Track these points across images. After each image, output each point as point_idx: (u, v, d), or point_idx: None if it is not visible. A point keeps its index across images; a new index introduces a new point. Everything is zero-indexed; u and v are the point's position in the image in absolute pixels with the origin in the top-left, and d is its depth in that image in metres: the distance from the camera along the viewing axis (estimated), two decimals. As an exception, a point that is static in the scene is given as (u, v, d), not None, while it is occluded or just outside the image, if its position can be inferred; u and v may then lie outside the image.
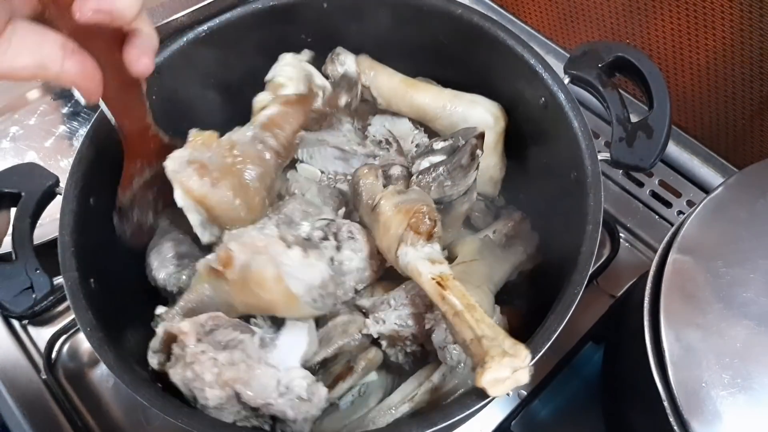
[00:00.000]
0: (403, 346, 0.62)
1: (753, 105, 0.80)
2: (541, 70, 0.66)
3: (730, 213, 0.55)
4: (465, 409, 0.50)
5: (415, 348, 0.62)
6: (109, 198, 0.66)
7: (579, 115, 0.63)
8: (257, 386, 0.53)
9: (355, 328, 0.62)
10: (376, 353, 0.62)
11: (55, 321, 0.79)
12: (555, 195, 0.67)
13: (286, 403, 0.54)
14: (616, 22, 0.88)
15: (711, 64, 0.80)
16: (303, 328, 0.60)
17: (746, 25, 0.74)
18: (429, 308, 0.60)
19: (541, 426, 0.74)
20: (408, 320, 0.60)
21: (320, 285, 0.58)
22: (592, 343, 0.76)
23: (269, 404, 0.54)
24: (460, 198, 0.65)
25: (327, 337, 0.62)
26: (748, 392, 0.47)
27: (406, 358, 0.63)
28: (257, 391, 0.53)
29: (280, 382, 0.55)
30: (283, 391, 0.54)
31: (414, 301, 0.61)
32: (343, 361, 0.63)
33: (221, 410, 0.54)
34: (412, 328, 0.60)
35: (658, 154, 0.61)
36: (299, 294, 0.56)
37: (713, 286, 0.51)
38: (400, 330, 0.60)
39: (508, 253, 0.70)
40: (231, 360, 0.53)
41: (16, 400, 0.73)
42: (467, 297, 0.52)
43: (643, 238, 0.84)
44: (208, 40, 0.70)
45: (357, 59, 0.75)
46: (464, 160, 0.62)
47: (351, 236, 0.63)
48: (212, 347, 0.54)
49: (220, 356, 0.53)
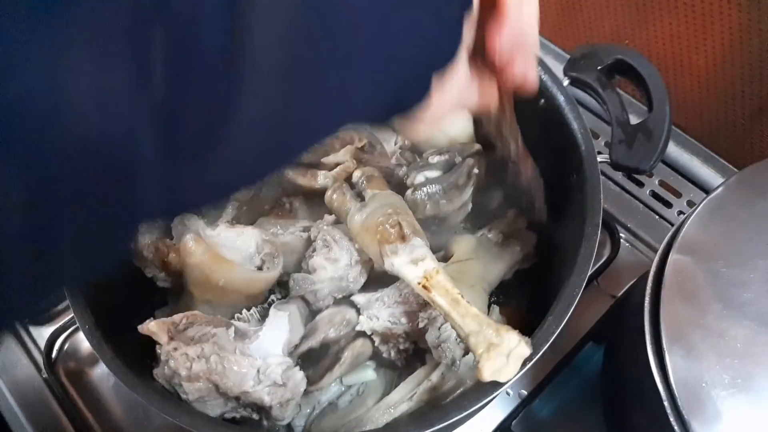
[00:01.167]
0: (396, 343, 0.62)
1: (753, 105, 0.80)
2: (541, 72, 0.65)
3: (731, 213, 0.55)
4: (463, 409, 0.50)
5: (408, 345, 0.62)
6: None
7: (578, 117, 0.63)
8: (234, 376, 0.54)
9: (341, 318, 0.62)
10: (363, 343, 0.62)
11: (56, 319, 0.79)
12: (554, 197, 0.67)
13: (263, 390, 0.55)
14: (616, 23, 0.88)
15: (710, 64, 0.80)
16: (284, 316, 0.60)
17: (746, 25, 0.74)
18: (422, 307, 0.60)
19: (541, 426, 0.74)
20: (401, 318, 0.61)
21: (257, 249, 0.61)
22: (592, 343, 0.76)
23: (246, 392, 0.55)
24: (455, 212, 0.66)
25: (313, 329, 0.63)
26: (749, 392, 0.47)
27: (398, 355, 0.63)
28: (234, 382, 0.54)
29: (258, 370, 0.56)
30: (261, 378, 0.55)
31: (407, 299, 0.61)
32: (332, 353, 0.63)
33: (204, 403, 0.55)
34: (404, 326, 0.61)
35: (657, 157, 0.61)
36: (236, 260, 0.59)
37: (713, 286, 0.51)
38: (392, 327, 0.60)
39: (504, 252, 0.70)
40: (201, 353, 0.54)
41: (16, 398, 0.73)
42: (451, 291, 0.53)
43: (643, 238, 0.84)
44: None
45: None
46: (461, 181, 0.63)
47: (326, 245, 0.63)
48: (183, 343, 0.55)
49: (190, 351, 0.54)
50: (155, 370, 0.57)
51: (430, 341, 0.59)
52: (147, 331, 0.56)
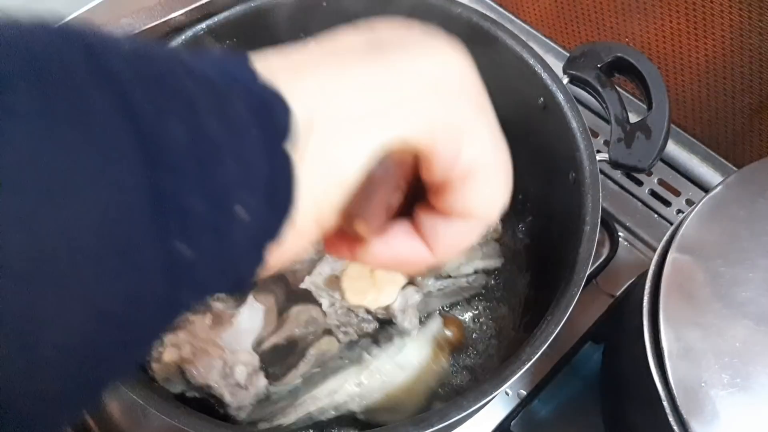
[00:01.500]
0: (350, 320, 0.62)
1: (752, 104, 0.80)
2: (540, 70, 0.65)
3: (730, 212, 0.54)
4: (462, 409, 0.50)
5: (365, 323, 0.62)
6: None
7: (578, 115, 0.63)
8: (201, 368, 0.55)
9: (307, 316, 0.63)
10: (329, 342, 0.63)
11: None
12: (553, 195, 0.67)
13: (226, 388, 0.56)
14: (616, 21, 0.87)
15: (710, 62, 0.80)
16: (260, 310, 0.61)
17: (746, 24, 0.74)
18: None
19: (540, 426, 0.74)
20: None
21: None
22: (591, 343, 0.76)
23: (210, 386, 0.56)
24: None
25: (280, 326, 0.63)
26: (748, 392, 0.47)
27: (346, 317, 0.63)
28: (200, 372, 0.55)
29: (225, 363, 0.57)
30: (226, 373, 0.56)
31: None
32: (298, 351, 0.63)
33: (168, 382, 0.57)
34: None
35: (656, 155, 0.61)
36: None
37: (713, 285, 0.51)
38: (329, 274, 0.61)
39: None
40: (175, 342, 0.55)
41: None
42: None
43: (642, 237, 0.84)
44: (206, 39, 0.69)
45: None
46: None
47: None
48: None
49: (165, 338, 0.55)
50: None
51: (398, 305, 0.59)
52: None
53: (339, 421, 0.61)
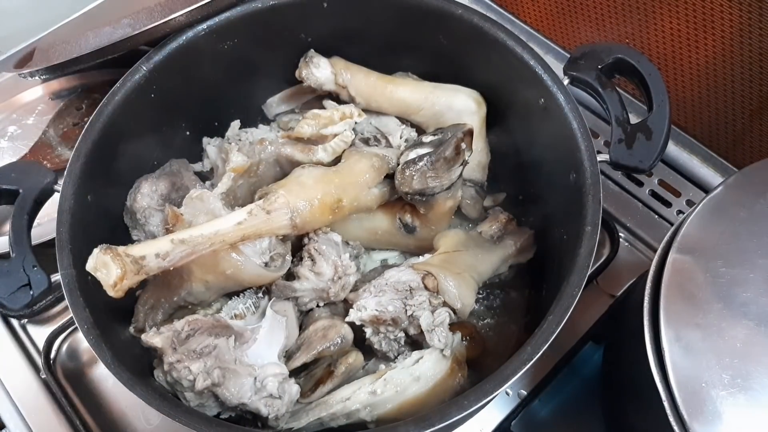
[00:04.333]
0: (387, 332, 0.62)
1: (752, 105, 0.80)
2: (541, 72, 0.66)
3: (730, 213, 0.55)
4: (463, 409, 0.50)
5: (399, 334, 0.63)
6: (106, 195, 0.66)
7: (578, 116, 0.63)
8: (233, 388, 0.56)
9: (335, 333, 0.63)
10: (356, 357, 0.63)
11: (54, 320, 0.79)
12: (554, 196, 0.67)
13: (260, 401, 0.57)
14: (616, 22, 0.88)
15: (710, 63, 0.80)
16: (282, 321, 0.61)
17: (746, 25, 0.74)
18: (410, 294, 0.62)
19: (541, 426, 0.74)
20: (388, 306, 0.61)
21: (269, 246, 0.63)
22: (591, 343, 0.76)
23: (244, 404, 0.56)
24: (443, 193, 0.66)
25: (308, 341, 0.63)
26: (748, 392, 0.47)
27: (390, 346, 0.63)
28: (233, 393, 0.56)
29: (255, 379, 0.57)
30: (258, 387, 0.57)
31: (396, 288, 0.62)
32: (324, 365, 0.64)
33: (203, 407, 0.57)
34: (392, 313, 0.61)
35: (657, 156, 0.61)
36: (248, 253, 0.61)
37: (713, 285, 0.51)
38: (380, 314, 0.61)
39: (496, 246, 0.71)
40: (204, 368, 0.55)
41: (15, 399, 0.73)
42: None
43: (642, 237, 0.84)
44: (207, 39, 0.70)
45: (331, 61, 0.75)
46: (448, 153, 0.63)
47: (311, 258, 0.65)
48: (186, 357, 0.56)
49: (194, 366, 0.55)
50: (155, 371, 0.58)
51: (425, 326, 0.60)
52: (150, 344, 0.57)
53: (349, 428, 0.61)
